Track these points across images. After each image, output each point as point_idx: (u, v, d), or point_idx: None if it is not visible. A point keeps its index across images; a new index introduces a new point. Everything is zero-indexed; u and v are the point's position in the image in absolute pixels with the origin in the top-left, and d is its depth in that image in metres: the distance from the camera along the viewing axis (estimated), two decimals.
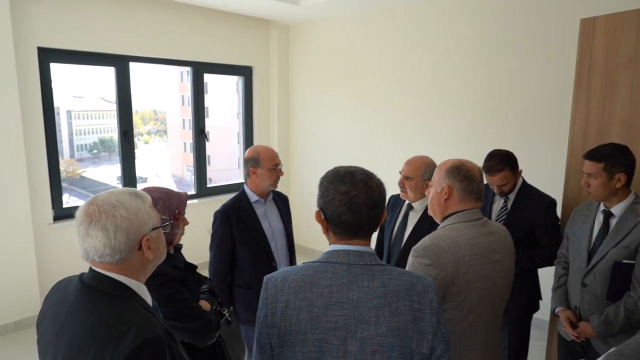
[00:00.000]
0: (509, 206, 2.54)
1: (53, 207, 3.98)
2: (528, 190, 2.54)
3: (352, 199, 1.15)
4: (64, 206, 4.09)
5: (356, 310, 1.11)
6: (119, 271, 1.12)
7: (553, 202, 2.48)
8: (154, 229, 1.16)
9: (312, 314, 1.12)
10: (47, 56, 3.82)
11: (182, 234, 1.76)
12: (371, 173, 1.22)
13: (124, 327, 1.02)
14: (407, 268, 1.59)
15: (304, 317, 1.13)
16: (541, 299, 2.69)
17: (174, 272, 1.63)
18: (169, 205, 1.69)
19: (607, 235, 2.04)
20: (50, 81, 3.86)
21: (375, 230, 1.22)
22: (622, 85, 2.26)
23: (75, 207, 3.83)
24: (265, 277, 1.22)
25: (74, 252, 3.92)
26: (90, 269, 1.14)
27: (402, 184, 2.29)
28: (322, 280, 1.15)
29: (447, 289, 1.51)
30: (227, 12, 4.90)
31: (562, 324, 2.18)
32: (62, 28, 3.83)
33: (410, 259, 1.58)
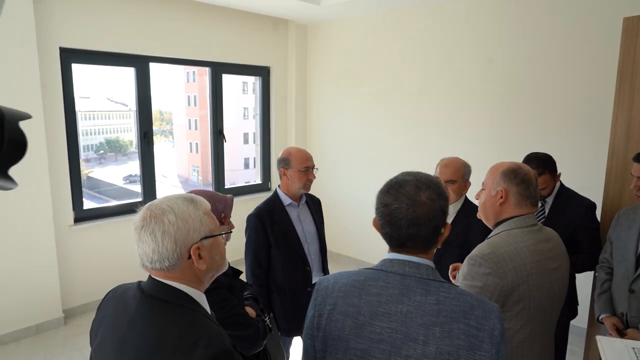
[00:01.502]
0: (546, 210, 2.49)
1: (74, 209, 3.95)
2: (566, 194, 2.49)
3: (392, 213, 1.10)
4: (84, 208, 4.06)
5: (404, 325, 1.04)
6: (178, 279, 1.07)
7: (593, 206, 2.42)
8: (207, 238, 1.10)
9: (357, 321, 1.08)
10: (69, 56, 3.79)
11: (227, 242, 1.71)
12: (427, 184, 1.10)
13: (192, 339, 0.97)
14: (461, 276, 1.54)
15: (349, 323, 1.08)
16: (578, 304, 2.63)
17: (222, 278, 1.58)
18: (215, 209, 1.64)
19: None
20: (72, 82, 3.83)
21: (432, 246, 1.12)
22: None
23: (96, 209, 3.78)
24: (318, 280, 1.19)
25: (94, 255, 3.90)
26: (150, 277, 1.10)
27: None
28: (373, 288, 1.10)
29: (506, 298, 1.46)
30: (245, 12, 4.86)
31: (606, 331, 2.13)
32: (83, 28, 3.80)
33: (465, 267, 1.53)
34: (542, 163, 2.38)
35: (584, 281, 2.72)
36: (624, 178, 2.38)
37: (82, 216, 4.02)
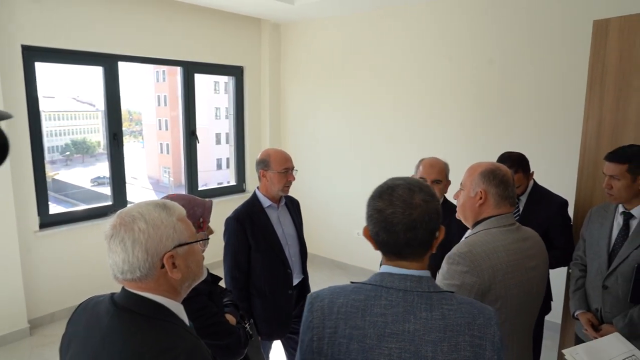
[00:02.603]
0: (520, 209, 2.53)
1: (39, 214, 3.78)
2: (540, 192, 2.54)
3: (387, 218, 1.06)
4: (51, 212, 3.89)
5: (412, 344, 1.02)
6: (152, 290, 1.01)
7: (565, 203, 2.48)
8: (181, 245, 1.04)
9: (364, 344, 1.03)
10: (32, 55, 3.62)
11: (204, 249, 1.66)
12: (419, 187, 1.09)
13: (170, 354, 0.92)
14: (441, 275, 1.54)
15: (355, 347, 1.03)
16: (552, 300, 2.69)
17: (201, 286, 1.52)
18: (193, 214, 1.59)
19: (627, 237, 2.04)
20: (35, 81, 3.67)
21: (427, 251, 1.11)
22: (636, 86, 2.27)
23: (63, 214, 3.62)
24: (309, 296, 1.12)
25: (62, 261, 3.74)
26: (123, 288, 1.03)
27: None
28: (375, 307, 1.05)
29: (483, 296, 1.46)
30: (217, 11, 4.77)
31: (582, 326, 2.17)
32: (47, 25, 3.64)
33: (444, 266, 1.53)
34: (516, 162, 2.42)
35: (557, 278, 2.79)
36: (595, 176, 2.44)
37: (48, 221, 3.86)
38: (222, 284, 1.97)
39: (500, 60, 3.83)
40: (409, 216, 1.05)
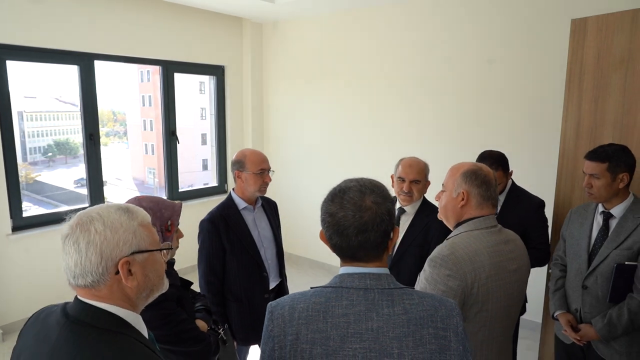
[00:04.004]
0: (498, 208, 2.52)
1: (11, 217, 3.66)
2: (517, 192, 2.53)
3: (339, 222, 1.05)
4: (24, 215, 3.77)
5: (377, 342, 1.00)
6: (106, 299, 0.95)
7: (542, 204, 2.48)
8: (140, 252, 0.97)
9: (327, 347, 1.00)
10: (3, 53, 3.51)
11: (177, 247, 1.60)
12: (370, 189, 1.07)
13: None
14: (424, 279, 1.50)
15: (318, 352, 1.00)
16: (526, 301, 2.68)
17: (169, 290, 1.47)
18: (160, 216, 1.53)
19: (607, 237, 2.03)
20: (6, 80, 3.55)
21: (382, 252, 1.08)
22: (614, 86, 2.27)
23: (37, 216, 3.51)
24: (269, 305, 1.08)
25: (36, 265, 3.62)
26: (76, 298, 0.97)
27: (409, 189, 2.20)
28: (337, 308, 1.03)
29: (466, 299, 1.43)
30: (198, 9, 4.69)
31: (561, 327, 2.16)
32: (19, 22, 3.53)
33: (426, 269, 1.49)
34: (496, 160, 2.42)
35: (536, 279, 2.78)
36: (574, 176, 2.43)
37: (21, 224, 3.74)
38: (196, 288, 1.91)
39: (478, 59, 3.82)
40: (359, 219, 1.04)
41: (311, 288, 1.09)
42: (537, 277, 2.82)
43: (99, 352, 0.89)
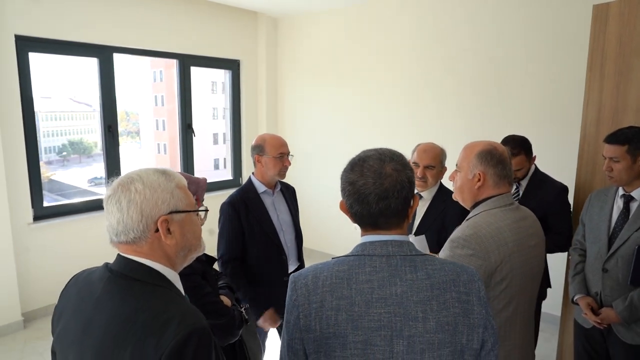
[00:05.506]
0: (520, 192, 2.51)
1: (33, 207, 3.74)
2: (540, 177, 2.52)
3: (359, 190, 1.05)
4: (44, 205, 3.85)
5: (401, 306, 1.01)
6: (147, 255, 1.00)
7: (565, 189, 2.46)
8: (178, 212, 1.02)
9: (352, 313, 1.01)
10: (26, 45, 3.58)
11: (203, 223, 1.63)
12: (390, 157, 1.09)
13: (165, 316, 0.90)
14: None
15: (343, 317, 1.01)
16: (550, 286, 2.67)
17: (195, 264, 1.50)
18: None
19: (627, 220, 2.02)
20: (29, 72, 3.63)
21: (403, 220, 1.09)
22: (636, 71, 2.25)
23: (57, 206, 3.57)
24: (291, 277, 1.10)
25: (56, 254, 3.68)
26: (119, 255, 1.02)
27: (422, 174, 2.20)
28: (361, 275, 1.04)
29: (489, 278, 1.44)
30: (214, 3, 4.74)
31: (581, 311, 2.15)
32: (42, 15, 3.60)
33: (447, 251, 1.49)
34: (519, 144, 2.41)
35: (556, 266, 2.76)
36: (595, 162, 2.42)
37: (42, 214, 3.81)
38: (216, 268, 1.94)
39: (498, 48, 3.79)
40: (380, 186, 1.04)
41: (333, 258, 1.10)
42: (557, 266, 2.81)
43: (143, 301, 0.93)
